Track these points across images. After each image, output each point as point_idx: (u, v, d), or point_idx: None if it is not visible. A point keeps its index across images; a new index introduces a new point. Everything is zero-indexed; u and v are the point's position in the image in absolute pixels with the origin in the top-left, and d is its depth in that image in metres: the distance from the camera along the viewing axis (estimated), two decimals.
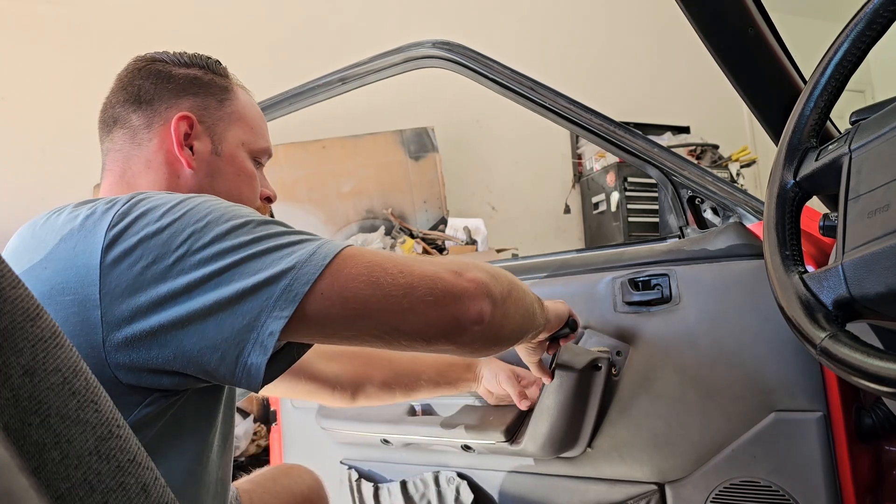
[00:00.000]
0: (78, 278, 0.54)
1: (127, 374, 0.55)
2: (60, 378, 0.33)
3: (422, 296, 0.56)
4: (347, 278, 0.55)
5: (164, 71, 0.78)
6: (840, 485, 0.87)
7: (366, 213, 3.45)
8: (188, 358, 0.54)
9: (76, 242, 0.56)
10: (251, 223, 0.58)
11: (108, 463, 0.34)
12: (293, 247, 0.56)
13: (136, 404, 0.56)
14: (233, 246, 0.55)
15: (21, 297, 0.32)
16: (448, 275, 0.59)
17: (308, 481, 1.10)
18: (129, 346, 0.54)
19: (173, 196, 0.60)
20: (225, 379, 0.55)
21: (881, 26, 0.59)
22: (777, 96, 0.95)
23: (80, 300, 0.54)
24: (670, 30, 3.00)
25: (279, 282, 0.54)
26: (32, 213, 0.67)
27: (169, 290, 0.54)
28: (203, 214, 0.57)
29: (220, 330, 0.53)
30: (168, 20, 3.52)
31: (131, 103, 0.77)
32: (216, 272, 0.54)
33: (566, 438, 1.02)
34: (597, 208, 4.15)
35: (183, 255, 0.54)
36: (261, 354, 0.53)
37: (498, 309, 0.62)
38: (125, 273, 0.54)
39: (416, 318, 0.57)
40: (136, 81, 0.77)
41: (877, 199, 0.51)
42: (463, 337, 0.59)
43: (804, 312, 0.53)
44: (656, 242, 1.08)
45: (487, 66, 1.11)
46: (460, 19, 4.12)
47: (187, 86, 0.78)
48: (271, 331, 0.53)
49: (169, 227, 0.56)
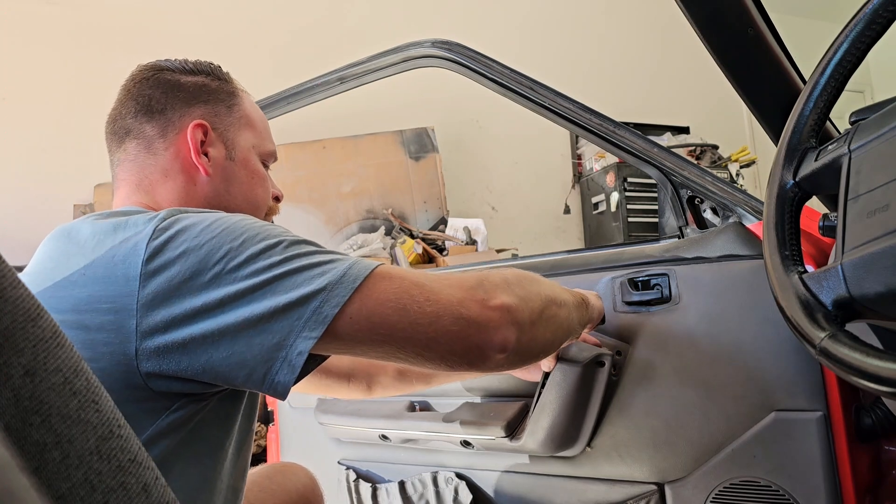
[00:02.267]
0: (116, 287, 0.56)
1: (157, 381, 0.56)
2: (61, 378, 0.33)
3: (447, 325, 0.58)
4: (376, 303, 0.56)
5: (173, 80, 0.79)
6: (840, 484, 0.87)
7: (366, 214, 3.45)
8: (216, 371, 0.56)
9: (115, 253, 0.58)
10: (283, 242, 0.59)
11: (109, 463, 0.34)
12: (324, 266, 0.58)
13: (163, 409, 0.57)
14: (267, 265, 0.57)
15: (21, 298, 0.32)
16: (474, 304, 0.59)
17: (304, 479, 1.10)
18: (160, 355, 0.55)
19: (210, 214, 0.62)
20: (253, 389, 0.57)
21: (881, 27, 0.59)
22: (776, 96, 0.95)
23: (117, 308, 0.55)
24: (670, 30, 3.00)
25: (310, 303, 0.55)
26: (32, 212, 0.68)
27: (203, 303, 0.55)
28: (239, 233, 0.59)
29: (250, 347, 0.55)
30: (168, 20, 3.52)
31: (143, 114, 0.78)
32: (249, 289, 0.56)
33: (566, 435, 1.02)
34: (596, 208, 4.15)
35: (219, 272, 0.56)
36: (289, 373, 0.55)
37: (525, 334, 0.63)
38: (163, 285, 0.56)
39: (440, 347, 0.58)
40: (146, 91, 0.79)
41: (876, 199, 0.51)
42: (487, 363, 0.61)
43: (804, 312, 0.53)
44: (656, 242, 1.08)
45: (487, 66, 1.11)
46: (460, 19, 4.12)
47: (197, 93, 0.80)
48: (300, 350, 0.54)
49: (207, 244, 0.57)
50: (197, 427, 0.62)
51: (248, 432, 0.75)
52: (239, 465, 0.73)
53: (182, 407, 0.59)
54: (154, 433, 0.57)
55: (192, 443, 0.62)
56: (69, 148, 3.28)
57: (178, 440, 0.59)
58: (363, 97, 1.73)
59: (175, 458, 0.59)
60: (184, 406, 0.59)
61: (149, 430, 0.57)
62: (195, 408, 0.60)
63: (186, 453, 0.61)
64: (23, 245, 3.08)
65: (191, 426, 0.61)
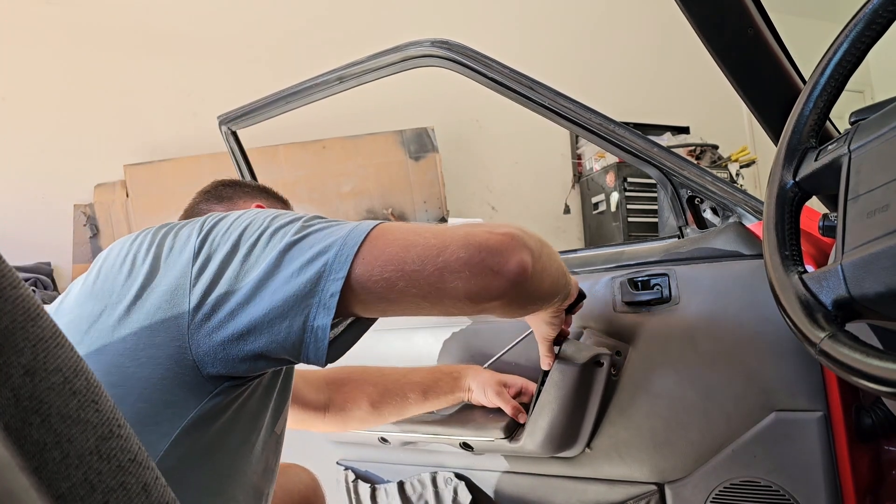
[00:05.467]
0: (174, 273, 0.63)
1: (205, 359, 0.60)
2: (61, 378, 0.33)
3: (455, 251, 0.59)
4: (385, 243, 0.60)
5: (240, 182, 1.03)
6: (840, 484, 0.87)
7: (366, 214, 3.45)
8: (260, 330, 0.59)
9: (173, 245, 0.66)
10: (302, 217, 0.67)
11: (109, 462, 0.34)
12: (338, 225, 0.64)
13: (207, 393, 0.62)
14: (293, 231, 0.63)
15: (22, 297, 0.32)
16: (481, 232, 0.62)
17: (305, 480, 1.10)
18: (208, 328, 0.60)
19: (238, 211, 0.71)
20: (294, 348, 0.60)
21: (880, 27, 0.59)
22: (776, 96, 0.95)
23: (172, 290, 0.62)
24: (670, 30, 3.00)
25: (331, 250, 0.60)
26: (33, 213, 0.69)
27: (245, 272, 0.61)
28: (264, 217, 0.67)
29: (286, 300, 0.59)
30: (168, 20, 3.52)
31: (214, 201, 0.99)
32: (280, 252, 0.61)
33: (565, 436, 1.02)
34: (596, 208, 4.15)
35: (253, 244, 0.63)
36: (325, 316, 0.58)
37: (537, 262, 0.65)
38: (210, 267, 0.62)
39: (453, 276, 0.59)
40: (218, 189, 1.01)
41: (876, 199, 0.51)
42: (509, 292, 0.61)
43: (804, 312, 0.53)
44: (656, 242, 1.08)
45: (486, 66, 1.11)
46: (460, 19, 4.12)
47: (260, 192, 1.03)
48: (332, 292, 0.58)
49: (241, 227, 0.65)
50: (233, 416, 0.65)
51: (271, 433, 0.77)
52: (262, 464, 0.75)
53: (221, 392, 0.62)
54: (197, 415, 0.61)
55: (226, 433, 0.65)
56: (69, 148, 3.28)
57: (217, 428, 0.63)
58: (363, 97, 1.73)
59: (213, 445, 0.63)
60: (223, 392, 0.63)
61: (193, 412, 0.61)
62: (234, 393, 0.64)
63: (220, 443, 0.65)
64: (23, 245, 3.09)
65: (229, 413, 0.64)
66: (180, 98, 3.50)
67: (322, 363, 0.60)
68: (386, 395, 1.12)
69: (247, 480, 0.70)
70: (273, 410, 0.75)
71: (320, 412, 1.11)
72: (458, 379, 1.13)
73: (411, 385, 1.12)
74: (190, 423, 0.60)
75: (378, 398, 1.12)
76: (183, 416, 0.60)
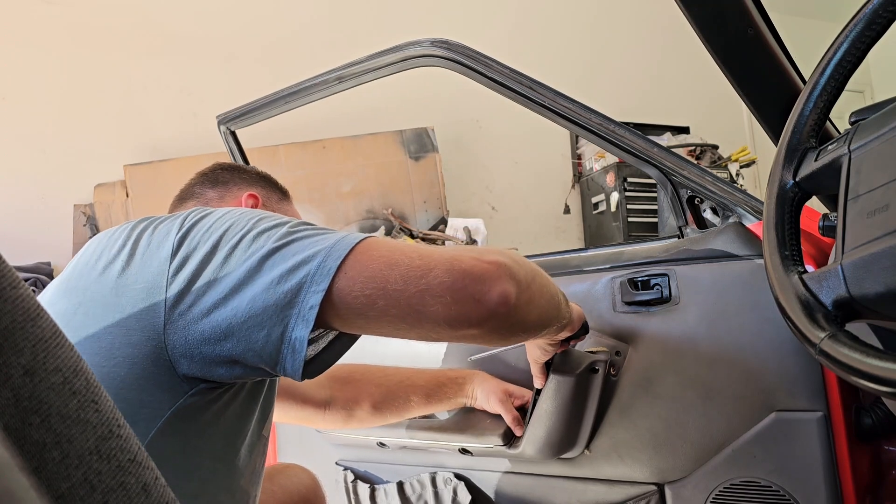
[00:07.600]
0: (151, 270, 0.62)
1: (180, 358, 0.59)
2: (61, 378, 0.33)
3: (439, 275, 0.58)
4: (369, 259, 0.59)
5: (240, 167, 1.00)
6: (840, 484, 0.87)
7: (366, 213, 3.45)
8: (237, 336, 0.58)
9: (150, 242, 0.64)
10: (288, 223, 0.65)
11: (109, 462, 0.34)
12: (324, 235, 0.62)
13: (182, 393, 0.61)
14: (276, 237, 0.62)
15: (21, 297, 0.32)
16: (467, 258, 0.60)
17: (305, 480, 1.10)
18: (184, 325, 0.59)
19: (223, 209, 0.69)
20: (271, 359, 0.59)
21: (881, 27, 0.59)
22: (776, 97, 0.95)
23: (148, 287, 0.61)
24: (670, 29, 3.00)
25: (314, 260, 0.58)
26: (33, 213, 0.69)
27: (224, 273, 0.60)
28: (248, 218, 0.65)
29: (266, 309, 0.58)
30: (168, 20, 3.51)
31: (209, 184, 0.97)
32: (264, 256, 0.60)
33: (564, 441, 1.02)
34: (596, 208, 4.15)
35: (234, 246, 0.61)
36: (304, 328, 0.57)
37: (523, 293, 0.62)
38: (188, 266, 0.61)
39: (434, 301, 0.58)
40: (216, 171, 0.98)
41: (876, 199, 0.51)
42: (488, 321, 0.59)
43: (803, 312, 0.53)
44: (656, 242, 1.08)
45: (486, 66, 1.11)
46: (460, 19, 4.12)
47: (258, 179, 1.00)
48: (311, 304, 0.57)
49: (223, 227, 0.63)
50: (213, 419, 0.64)
51: (259, 437, 0.76)
52: (250, 468, 0.74)
53: (197, 393, 0.61)
54: (172, 416, 0.60)
55: (207, 436, 0.64)
56: (69, 148, 3.27)
57: (195, 430, 0.62)
58: (363, 97, 1.73)
59: (191, 448, 0.63)
60: (201, 393, 0.62)
61: (168, 412, 0.60)
62: (211, 396, 0.63)
63: (202, 445, 0.64)
64: (23, 245, 3.09)
65: (207, 416, 0.63)
66: (180, 98, 3.50)
67: (298, 376, 0.58)
68: (389, 396, 1.12)
69: (232, 484, 0.70)
70: (259, 415, 0.74)
71: (321, 409, 1.11)
72: (462, 385, 1.13)
73: (415, 389, 1.12)
74: (165, 424, 0.59)
75: (381, 400, 1.12)
76: (158, 416, 0.59)
